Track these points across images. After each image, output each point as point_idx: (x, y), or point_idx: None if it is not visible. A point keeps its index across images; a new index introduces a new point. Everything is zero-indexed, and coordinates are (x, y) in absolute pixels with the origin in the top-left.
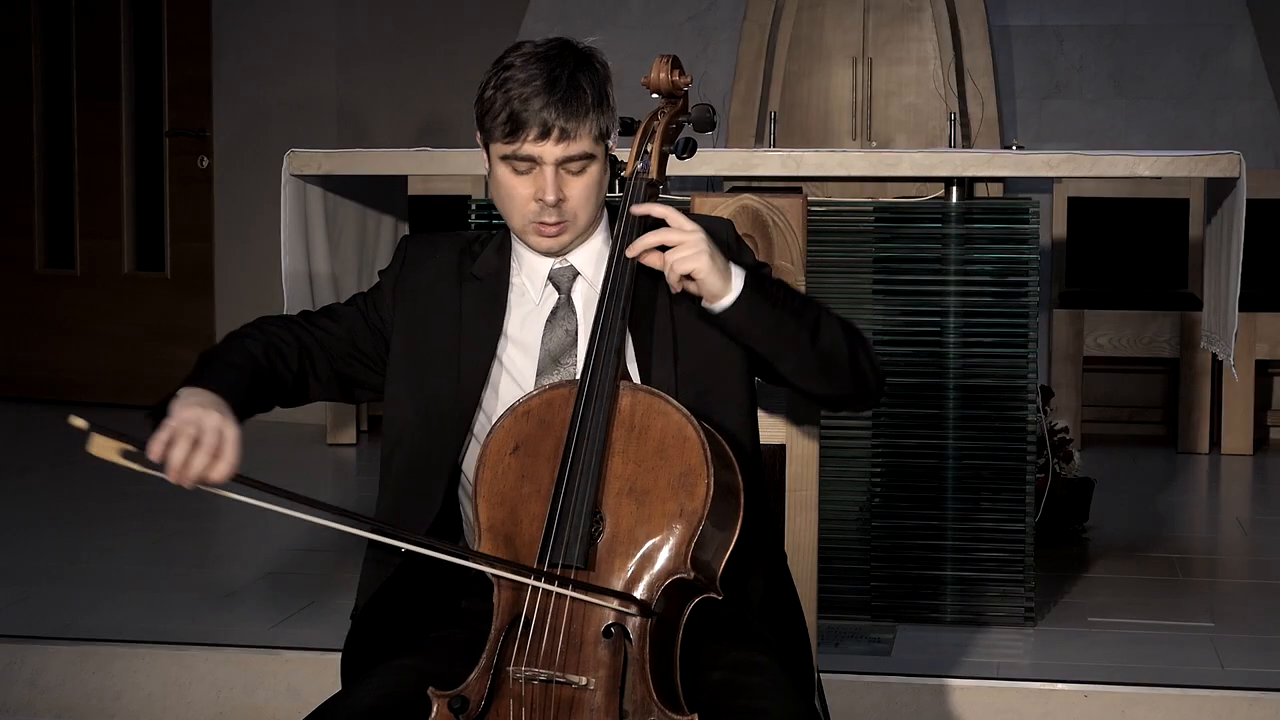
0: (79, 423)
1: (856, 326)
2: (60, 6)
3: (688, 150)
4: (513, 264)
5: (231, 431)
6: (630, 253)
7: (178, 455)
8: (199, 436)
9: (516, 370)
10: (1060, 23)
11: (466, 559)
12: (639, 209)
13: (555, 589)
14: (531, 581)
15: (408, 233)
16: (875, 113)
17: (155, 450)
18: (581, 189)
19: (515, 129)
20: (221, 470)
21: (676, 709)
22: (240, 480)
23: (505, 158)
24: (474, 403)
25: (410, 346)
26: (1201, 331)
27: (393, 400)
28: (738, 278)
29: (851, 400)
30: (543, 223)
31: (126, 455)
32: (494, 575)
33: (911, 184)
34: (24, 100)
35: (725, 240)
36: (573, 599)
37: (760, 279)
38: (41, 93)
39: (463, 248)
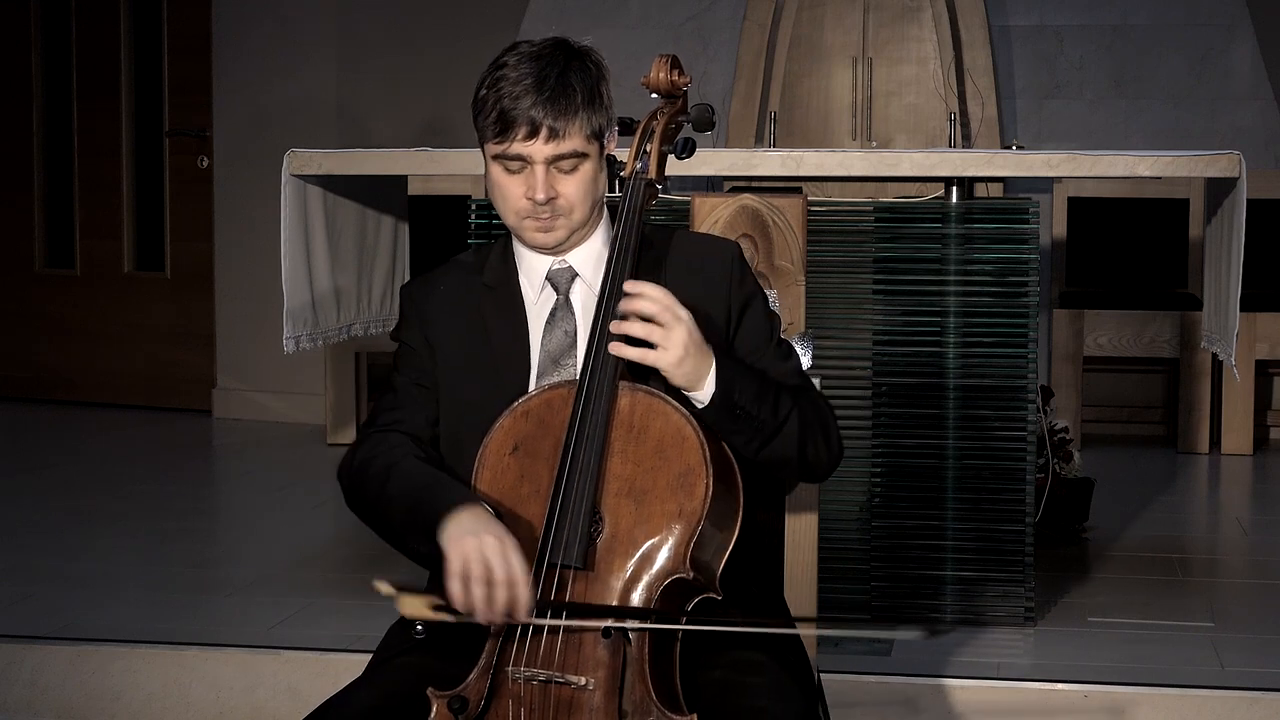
0: (386, 590)
1: (823, 416)
2: (60, 6)
3: (687, 150)
4: (516, 266)
5: (510, 546)
6: (613, 350)
7: (479, 597)
8: (488, 572)
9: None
10: (1060, 23)
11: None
12: (630, 285)
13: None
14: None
15: (408, 234)
16: (875, 113)
17: (458, 601)
18: (574, 187)
19: (504, 128)
20: (523, 595)
21: (676, 709)
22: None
23: (497, 157)
24: None
25: (456, 383)
26: (1202, 331)
27: (449, 436)
28: (708, 390)
29: (793, 481)
30: (535, 217)
31: (436, 609)
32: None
33: (911, 184)
34: (24, 100)
35: (729, 266)
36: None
37: (730, 395)
38: (41, 93)
39: (463, 270)
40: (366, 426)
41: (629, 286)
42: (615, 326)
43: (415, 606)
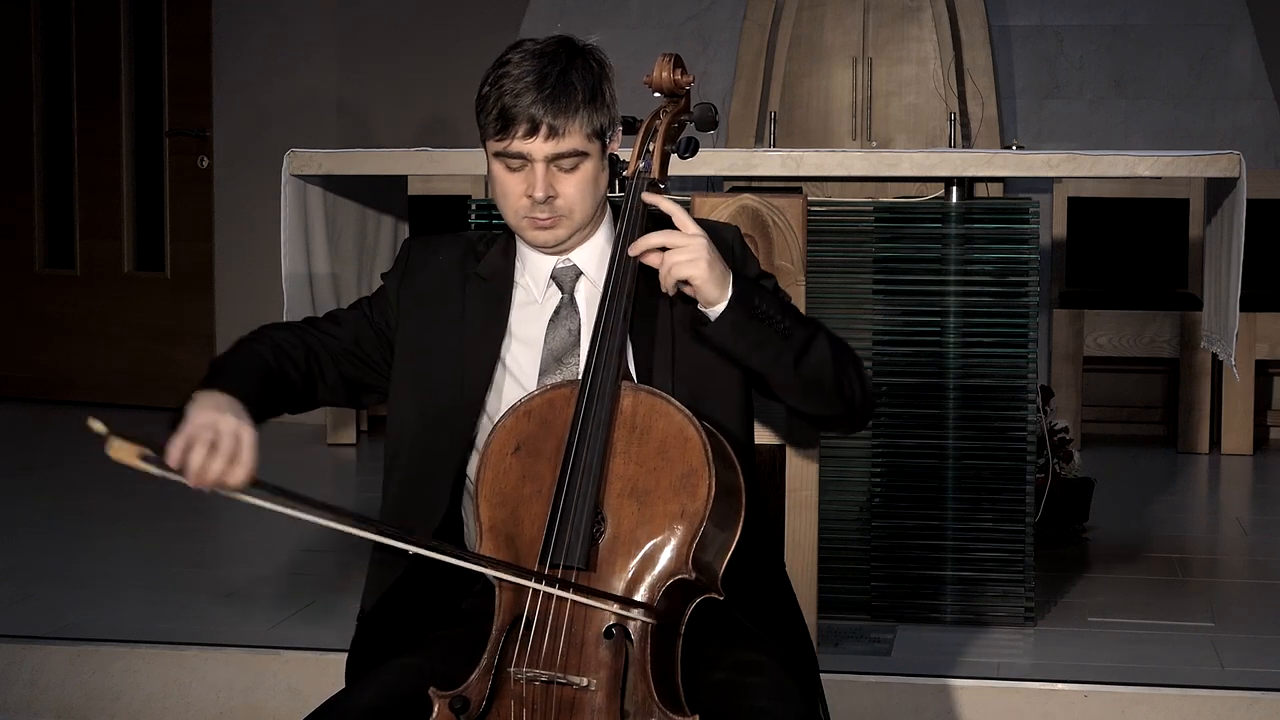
0: (98, 426)
1: (850, 349)
2: (60, 6)
3: (690, 150)
4: (517, 264)
5: (248, 434)
6: (633, 251)
7: (196, 459)
8: (216, 440)
9: (520, 370)
10: (1060, 23)
11: (466, 560)
12: (649, 197)
13: (556, 592)
14: (532, 584)
15: (408, 234)
16: (875, 113)
17: (173, 455)
18: (574, 186)
19: (504, 125)
20: (239, 475)
21: (678, 710)
22: (257, 485)
23: (497, 154)
24: (478, 405)
25: (414, 348)
26: (1202, 331)
27: (396, 402)
28: (731, 289)
29: (836, 422)
30: (535, 217)
31: (145, 459)
32: (494, 577)
33: (911, 184)
34: (24, 100)
35: (730, 246)
36: (573, 602)
37: (750, 296)
38: (41, 93)
39: (466, 248)
40: (305, 319)
41: (648, 197)
42: (634, 248)
43: (124, 452)
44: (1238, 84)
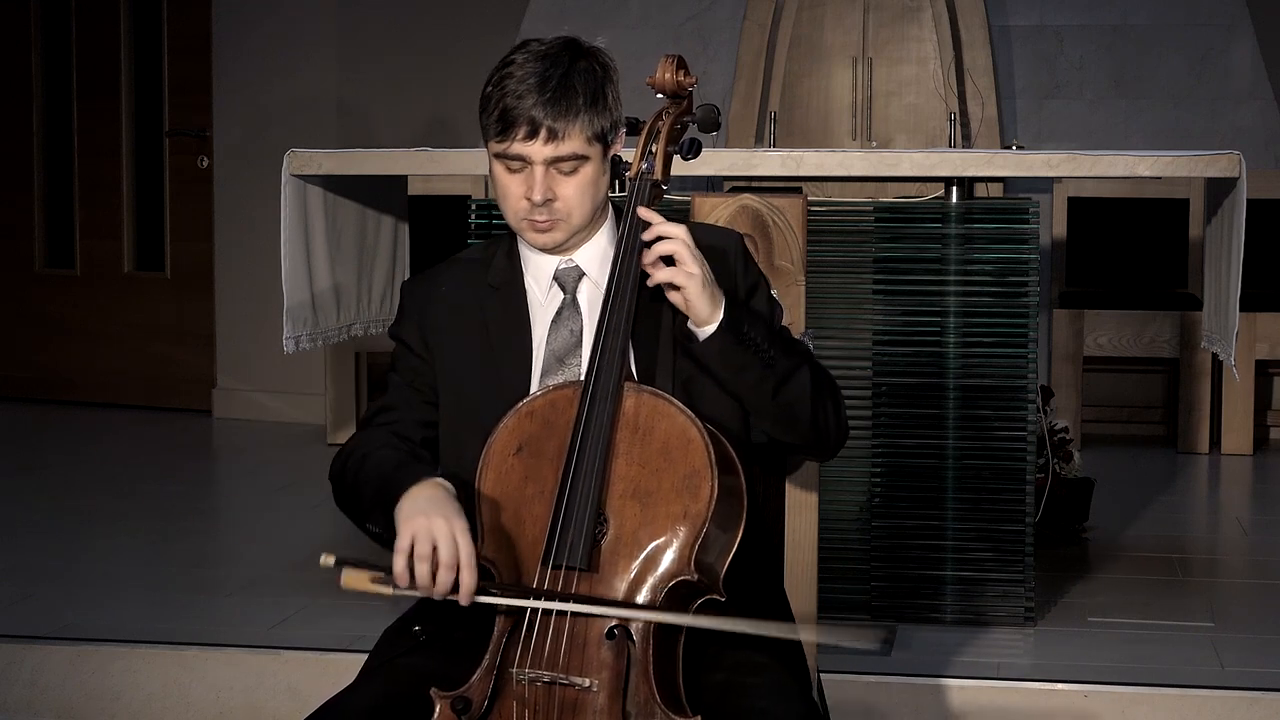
0: (328, 561)
1: (833, 383)
2: (60, 6)
3: (693, 151)
4: (521, 266)
5: (459, 526)
6: (647, 235)
7: (423, 576)
8: (435, 551)
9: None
10: (1060, 23)
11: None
12: (645, 213)
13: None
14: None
15: (408, 234)
16: (875, 113)
17: (400, 576)
18: (573, 189)
19: (505, 127)
20: (468, 579)
21: (679, 711)
22: (484, 585)
23: (498, 155)
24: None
25: (454, 382)
26: (1202, 331)
27: (450, 437)
28: (722, 314)
29: (805, 450)
30: (533, 219)
31: (377, 582)
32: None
33: (911, 184)
34: (24, 100)
35: (733, 253)
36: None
37: (740, 323)
38: (41, 93)
39: (467, 267)
40: (359, 427)
41: (644, 214)
42: (649, 234)
43: (357, 580)
44: (1238, 84)
